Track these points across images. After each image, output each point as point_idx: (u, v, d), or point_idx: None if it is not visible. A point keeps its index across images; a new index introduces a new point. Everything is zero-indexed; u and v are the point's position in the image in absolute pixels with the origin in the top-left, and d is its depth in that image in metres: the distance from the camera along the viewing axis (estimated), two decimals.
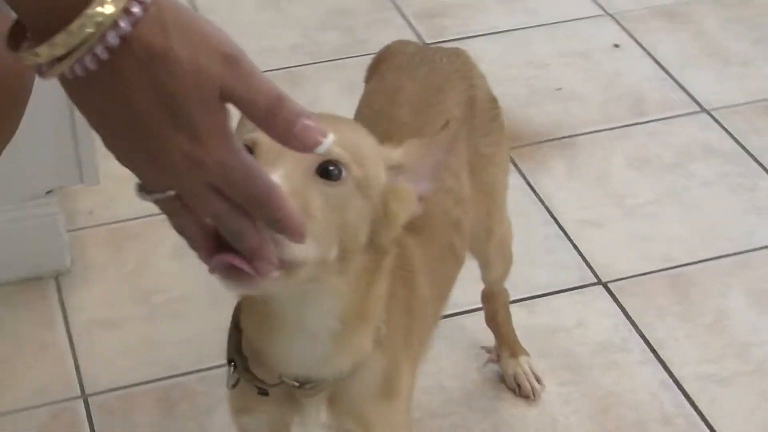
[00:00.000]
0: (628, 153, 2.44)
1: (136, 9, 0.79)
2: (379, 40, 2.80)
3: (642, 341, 1.99)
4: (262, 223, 0.91)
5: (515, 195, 2.30)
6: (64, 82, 0.83)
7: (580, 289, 2.10)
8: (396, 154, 1.14)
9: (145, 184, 0.89)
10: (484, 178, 1.64)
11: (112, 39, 0.79)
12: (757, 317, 2.05)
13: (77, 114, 2.00)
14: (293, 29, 2.85)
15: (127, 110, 0.82)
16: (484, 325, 1.94)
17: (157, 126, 0.82)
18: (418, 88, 1.55)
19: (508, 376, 1.90)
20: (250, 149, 1.05)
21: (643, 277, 2.13)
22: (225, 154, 0.85)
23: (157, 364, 1.94)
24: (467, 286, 1.89)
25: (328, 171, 1.04)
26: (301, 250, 0.99)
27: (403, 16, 2.90)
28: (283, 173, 1.00)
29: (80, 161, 2.05)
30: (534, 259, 2.17)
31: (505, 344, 1.91)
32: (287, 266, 0.99)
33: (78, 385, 1.91)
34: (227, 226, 0.89)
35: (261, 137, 1.04)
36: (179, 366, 1.93)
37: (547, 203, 2.30)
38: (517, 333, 1.97)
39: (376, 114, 1.55)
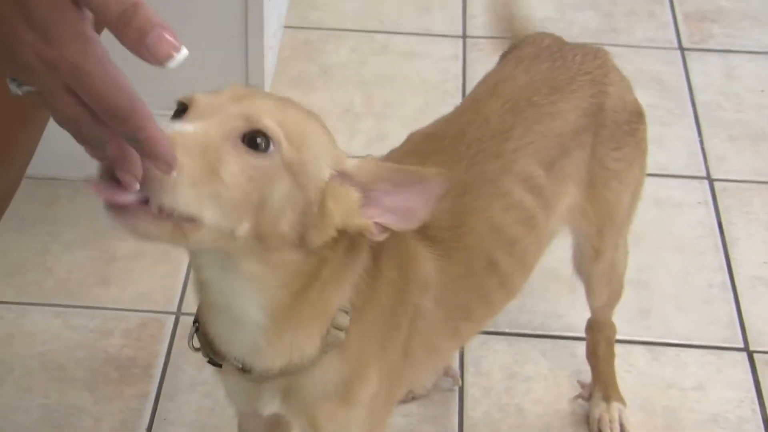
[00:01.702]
0: None
1: None
2: (633, 33, 2.65)
3: (763, 427, 1.77)
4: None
5: (698, 231, 2.12)
6: None
7: (719, 350, 1.90)
8: (351, 162, 1.07)
9: (14, 77, 0.86)
10: (603, 193, 1.49)
11: None
12: None
13: (250, 22, 2.01)
14: (552, 2, 2.71)
15: None
16: None
17: (10, 24, 0.81)
18: (527, 84, 1.43)
19: (592, 418, 1.75)
20: (185, 107, 1.01)
21: None
22: (80, 58, 0.81)
23: None
24: (587, 312, 1.75)
25: (254, 141, 0.98)
26: (188, 203, 0.94)
27: (673, 11, 2.69)
28: (200, 126, 0.95)
29: (247, 71, 2.05)
30: (683, 305, 1.97)
31: (600, 384, 1.75)
32: (175, 218, 0.94)
33: (178, 301, 1.93)
34: (84, 132, 0.86)
35: (199, 96, 1.01)
36: None
37: (728, 248, 2.08)
38: (630, 377, 1.81)
39: (471, 102, 1.45)
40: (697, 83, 2.48)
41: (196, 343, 1.22)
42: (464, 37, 2.59)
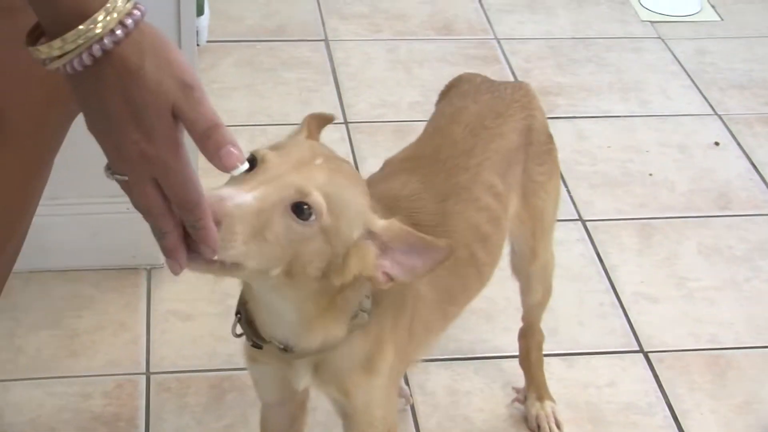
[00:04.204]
0: (701, 241, 2.55)
1: (119, 32, 1.02)
2: None
3: (667, 408, 2.10)
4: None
5: (582, 262, 2.45)
6: (64, 74, 1.06)
7: (620, 354, 2.22)
8: (379, 224, 1.30)
9: (111, 166, 1.10)
10: (534, 202, 1.80)
11: (96, 51, 1.03)
12: None
13: None
14: (416, 88, 3.06)
15: (101, 105, 1.05)
16: (521, 370, 2.08)
17: (121, 122, 1.04)
18: (478, 111, 1.73)
19: (530, 416, 2.04)
20: (254, 159, 1.24)
21: (685, 352, 2.24)
22: (171, 157, 1.06)
23: (217, 357, 2.15)
24: (512, 336, 2.06)
25: (300, 209, 1.22)
26: (236, 257, 1.18)
27: None
28: (258, 195, 1.19)
29: None
30: (584, 321, 2.30)
31: (533, 386, 2.05)
32: (226, 265, 1.19)
33: (144, 363, 2.13)
34: (154, 222, 1.10)
35: (269, 156, 1.25)
36: (237, 361, 2.12)
37: (610, 274, 2.43)
38: (552, 383, 2.10)
39: (435, 130, 1.74)
40: None
41: (239, 330, 1.45)
42: (346, 123, 2.91)
